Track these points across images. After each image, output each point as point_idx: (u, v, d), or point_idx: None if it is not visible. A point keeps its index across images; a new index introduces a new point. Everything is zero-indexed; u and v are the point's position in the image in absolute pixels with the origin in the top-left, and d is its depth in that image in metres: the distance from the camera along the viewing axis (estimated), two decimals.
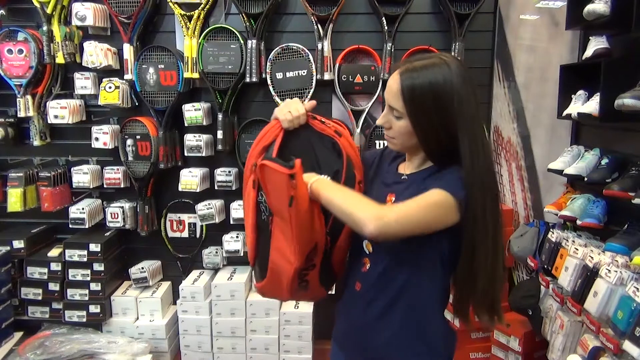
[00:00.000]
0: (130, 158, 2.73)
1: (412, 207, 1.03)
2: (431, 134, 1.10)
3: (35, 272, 2.72)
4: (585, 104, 1.81)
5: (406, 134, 1.12)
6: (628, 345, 1.37)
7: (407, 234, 1.03)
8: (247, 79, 2.63)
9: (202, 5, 2.61)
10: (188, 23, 2.64)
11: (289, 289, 1.18)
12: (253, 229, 1.23)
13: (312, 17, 2.62)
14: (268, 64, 2.65)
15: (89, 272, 2.70)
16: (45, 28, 2.60)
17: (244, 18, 2.60)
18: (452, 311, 1.24)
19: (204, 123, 2.71)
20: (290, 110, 1.20)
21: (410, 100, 1.08)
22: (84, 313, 2.73)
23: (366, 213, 1.01)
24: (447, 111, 1.07)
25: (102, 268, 2.70)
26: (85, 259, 2.69)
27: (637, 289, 1.40)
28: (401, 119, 1.11)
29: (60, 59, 2.63)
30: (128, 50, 2.64)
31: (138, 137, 2.69)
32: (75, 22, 2.62)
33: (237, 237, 2.79)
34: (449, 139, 1.09)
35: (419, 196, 1.05)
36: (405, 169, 1.23)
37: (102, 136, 2.70)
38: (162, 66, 2.65)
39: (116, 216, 2.76)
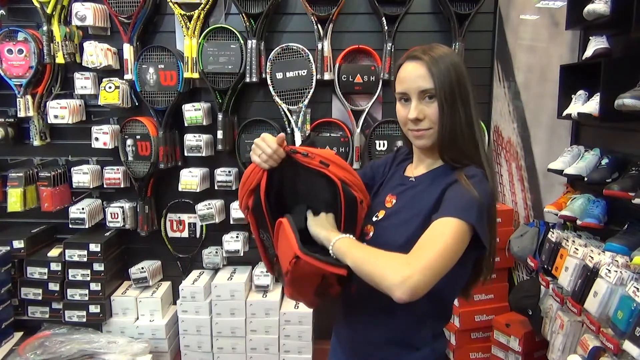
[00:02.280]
0: (130, 158, 2.73)
1: (434, 252, 0.95)
2: (454, 114, 1.09)
3: (35, 272, 2.72)
4: (585, 104, 1.81)
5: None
6: (628, 345, 1.37)
7: (437, 280, 0.96)
8: (247, 79, 2.63)
9: (202, 5, 2.61)
10: (188, 23, 2.64)
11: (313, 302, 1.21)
12: (267, 261, 1.30)
13: (312, 17, 2.62)
14: (268, 64, 2.65)
15: (89, 272, 2.71)
16: (45, 28, 2.60)
17: (244, 18, 2.60)
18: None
19: (204, 123, 2.71)
20: (262, 151, 1.15)
21: (438, 72, 1.08)
22: (84, 313, 2.73)
23: (392, 279, 0.93)
24: (466, 89, 1.11)
25: (102, 268, 2.70)
26: (85, 259, 2.69)
27: (637, 289, 1.40)
28: (434, 98, 1.09)
29: (60, 59, 2.63)
30: (128, 50, 2.64)
31: (138, 137, 2.69)
32: (75, 22, 2.62)
33: (237, 237, 2.79)
34: (466, 121, 1.10)
35: (433, 234, 0.98)
36: (414, 171, 1.22)
37: (102, 136, 2.70)
38: (162, 66, 2.65)
39: (116, 216, 2.76)
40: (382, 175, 1.30)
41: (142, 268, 2.82)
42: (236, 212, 2.75)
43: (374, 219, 1.20)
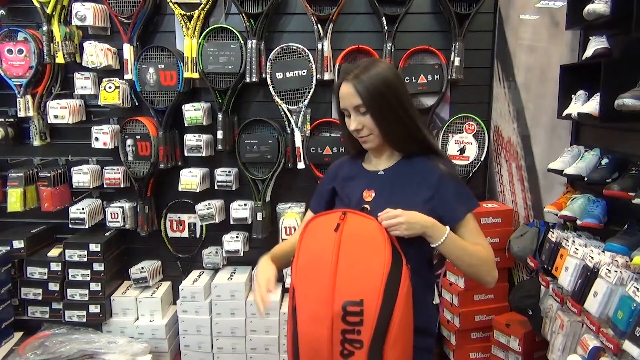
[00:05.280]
0: (130, 158, 2.73)
1: (485, 242, 1.28)
2: (394, 119, 1.25)
3: (35, 272, 2.72)
4: (585, 104, 1.81)
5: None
6: (628, 345, 1.37)
7: None
8: (247, 79, 2.63)
9: (202, 5, 2.61)
10: (188, 23, 2.64)
11: None
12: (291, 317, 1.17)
13: (312, 17, 2.62)
14: (268, 64, 2.65)
15: (89, 272, 2.71)
16: (45, 28, 2.60)
17: (244, 18, 2.60)
18: None
19: (204, 123, 2.71)
20: None
21: (367, 94, 1.22)
22: (84, 313, 2.73)
23: (492, 278, 1.26)
24: (399, 93, 1.25)
25: (102, 268, 2.70)
26: (85, 259, 2.69)
27: (637, 289, 1.40)
28: (366, 111, 1.24)
29: (60, 59, 2.63)
30: (128, 50, 2.64)
31: (138, 137, 2.69)
32: (75, 22, 2.62)
33: (237, 237, 2.79)
34: (409, 121, 1.26)
35: (475, 231, 1.28)
36: (377, 165, 1.36)
37: (102, 136, 2.70)
38: (162, 66, 2.65)
39: (116, 216, 2.76)
40: (337, 176, 1.42)
41: (142, 268, 2.82)
42: (236, 212, 2.75)
43: None
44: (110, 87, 2.63)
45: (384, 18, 2.60)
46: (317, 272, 1.12)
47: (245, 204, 2.76)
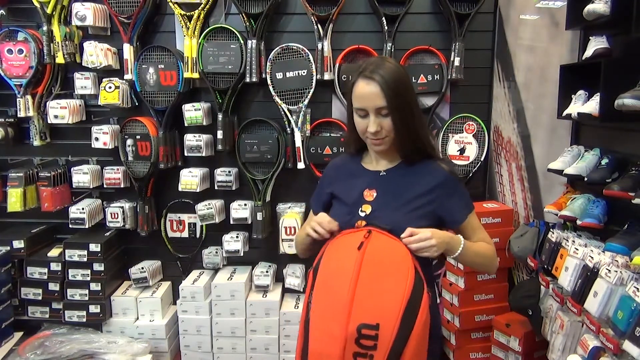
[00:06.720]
0: (130, 158, 2.73)
1: (486, 235, 1.37)
2: (408, 122, 1.24)
3: (35, 272, 2.72)
4: (585, 104, 1.81)
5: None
6: (628, 345, 1.37)
7: None
8: (247, 79, 2.63)
9: (202, 5, 2.61)
10: (188, 23, 2.64)
11: None
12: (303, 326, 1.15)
13: (312, 17, 2.62)
14: (268, 64, 2.65)
15: (89, 272, 2.71)
16: (45, 28, 2.60)
17: (244, 18, 2.60)
18: None
19: (204, 123, 2.71)
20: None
21: (389, 91, 1.20)
22: (84, 313, 2.73)
23: (496, 267, 1.41)
24: (412, 94, 1.26)
25: (102, 268, 2.70)
26: (85, 259, 2.69)
27: (637, 289, 1.40)
28: (388, 113, 1.22)
29: (60, 59, 2.63)
30: (128, 50, 2.64)
31: (138, 137, 2.69)
32: (75, 22, 2.62)
33: (237, 237, 2.79)
34: (417, 122, 1.27)
35: (478, 225, 1.36)
36: (377, 165, 1.36)
37: (102, 136, 2.70)
38: (162, 66, 2.65)
39: (116, 216, 2.76)
40: (337, 175, 1.41)
41: (142, 268, 2.82)
42: (236, 212, 2.75)
43: (362, 214, 1.27)
44: (110, 87, 2.63)
45: (384, 18, 2.60)
46: (335, 290, 1.08)
47: (245, 204, 2.76)
